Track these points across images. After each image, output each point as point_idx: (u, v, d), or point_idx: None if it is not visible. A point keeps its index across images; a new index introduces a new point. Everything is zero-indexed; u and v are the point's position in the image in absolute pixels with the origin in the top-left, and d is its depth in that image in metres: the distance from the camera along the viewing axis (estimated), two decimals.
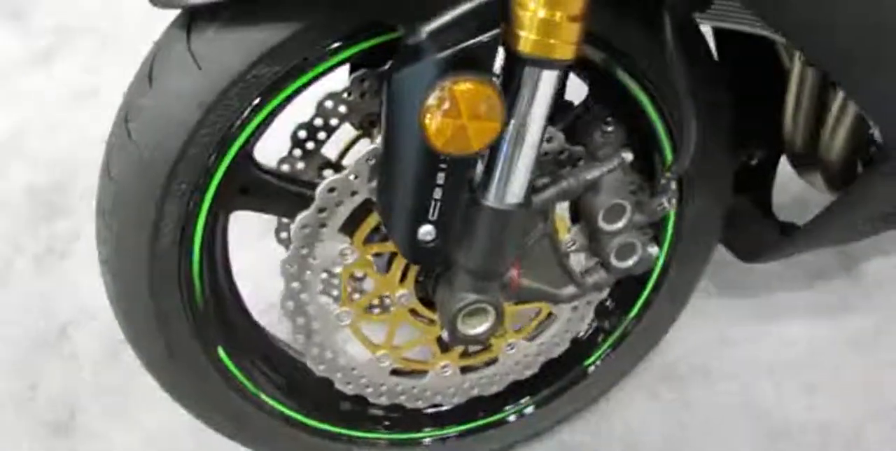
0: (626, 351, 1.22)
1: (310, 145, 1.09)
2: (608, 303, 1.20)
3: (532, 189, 0.87)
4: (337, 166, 1.13)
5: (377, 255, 0.99)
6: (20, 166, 1.78)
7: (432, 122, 0.76)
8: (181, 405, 1.03)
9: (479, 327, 0.97)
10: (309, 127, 1.07)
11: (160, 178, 0.83)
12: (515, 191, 0.88)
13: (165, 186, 0.84)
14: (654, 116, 1.00)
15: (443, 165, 0.83)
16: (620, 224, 0.99)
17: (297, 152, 1.10)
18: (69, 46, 2.09)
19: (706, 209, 1.12)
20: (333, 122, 1.06)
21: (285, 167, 1.07)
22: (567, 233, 1.04)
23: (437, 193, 0.85)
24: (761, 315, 1.44)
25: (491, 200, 0.87)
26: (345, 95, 0.99)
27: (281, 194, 0.95)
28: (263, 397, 1.05)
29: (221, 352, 1.01)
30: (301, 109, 0.95)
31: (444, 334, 0.98)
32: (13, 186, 1.73)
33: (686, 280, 1.19)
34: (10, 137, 1.84)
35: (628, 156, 0.97)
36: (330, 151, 1.10)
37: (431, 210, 0.86)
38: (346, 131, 1.08)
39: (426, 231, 0.88)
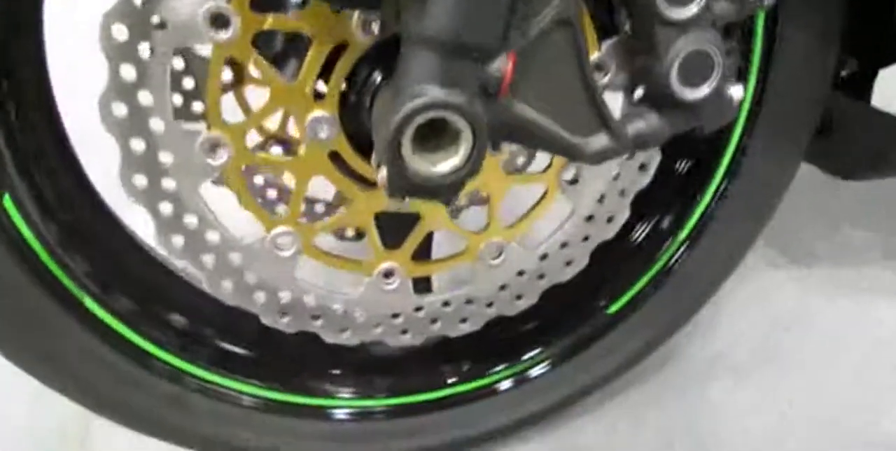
0: (680, 285, 0.83)
1: None
2: (656, 192, 0.80)
3: None
4: None
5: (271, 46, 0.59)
6: None
7: None
8: None
9: (443, 162, 0.56)
10: None
11: None
12: None
13: None
14: None
15: None
16: (693, 7, 0.59)
17: None
18: None
19: (802, 66, 0.80)
20: None
21: None
22: (597, 51, 0.63)
23: None
24: (851, 296, 1.12)
25: None
26: None
27: None
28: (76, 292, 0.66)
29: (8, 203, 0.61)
30: None
31: (379, 172, 0.55)
32: None
33: (775, 169, 0.80)
34: None
35: None
36: None
37: None
38: None
39: None
